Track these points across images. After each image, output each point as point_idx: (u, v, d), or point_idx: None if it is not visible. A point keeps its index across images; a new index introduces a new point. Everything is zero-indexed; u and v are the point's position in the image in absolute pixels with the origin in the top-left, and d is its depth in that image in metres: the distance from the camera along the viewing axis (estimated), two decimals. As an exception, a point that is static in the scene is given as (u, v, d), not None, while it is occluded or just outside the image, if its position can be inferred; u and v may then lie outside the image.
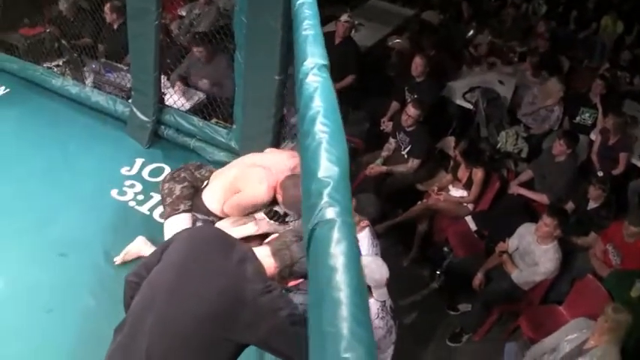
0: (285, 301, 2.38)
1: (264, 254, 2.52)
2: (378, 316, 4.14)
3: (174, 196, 3.97)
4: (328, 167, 1.50)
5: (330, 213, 1.36)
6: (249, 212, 3.90)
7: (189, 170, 4.13)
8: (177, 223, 3.90)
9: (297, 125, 2.38)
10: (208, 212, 3.95)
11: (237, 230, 3.89)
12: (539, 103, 7.37)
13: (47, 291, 3.88)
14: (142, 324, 2.34)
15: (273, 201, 3.82)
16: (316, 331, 1.18)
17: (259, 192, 3.77)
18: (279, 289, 2.43)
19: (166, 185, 4.05)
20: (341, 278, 1.21)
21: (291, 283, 2.64)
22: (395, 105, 7.24)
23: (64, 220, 4.48)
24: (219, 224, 3.95)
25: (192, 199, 4.00)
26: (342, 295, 1.17)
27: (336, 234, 1.30)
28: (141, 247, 4.09)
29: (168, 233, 3.90)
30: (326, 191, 1.41)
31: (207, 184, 4.06)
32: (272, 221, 3.89)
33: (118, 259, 4.09)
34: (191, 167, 4.17)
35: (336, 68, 6.36)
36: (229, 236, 2.71)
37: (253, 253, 2.47)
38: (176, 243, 2.55)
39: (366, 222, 4.59)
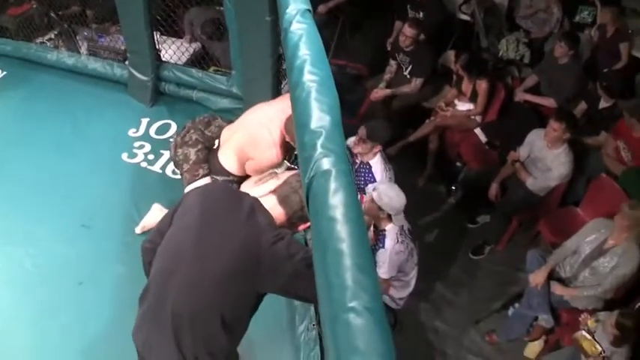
0: (298, 245, 2.41)
1: (271, 203, 2.54)
2: (398, 241, 4.23)
3: (190, 162, 3.95)
4: (320, 117, 1.52)
5: (326, 164, 1.39)
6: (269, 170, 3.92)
7: (199, 130, 4.08)
8: None
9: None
10: (227, 173, 3.93)
11: (261, 189, 3.91)
12: (536, 6, 7.25)
13: (76, 264, 3.97)
14: (166, 289, 2.39)
15: (290, 147, 3.80)
16: (322, 282, 1.23)
17: (270, 156, 3.76)
18: (290, 234, 2.45)
19: (180, 151, 4.01)
20: (342, 228, 1.25)
21: (301, 227, 2.67)
22: (398, 24, 7.07)
23: (82, 191, 4.54)
24: (243, 186, 3.94)
25: (208, 160, 4.00)
26: (344, 246, 1.21)
27: (333, 184, 1.33)
28: (157, 215, 4.08)
29: None
30: (319, 142, 1.44)
31: (219, 143, 4.03)
32: (295, 166, 3.87)
33: (138, 229, 4.13)
34: (200, 126, 4.11)
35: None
36: (235, 191, 2.79)
37: (260, 204, 2.48)
38: (185, 205, 2.57)
39: (378, 147, 4.65)
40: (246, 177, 3.97)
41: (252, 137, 3.81)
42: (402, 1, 7.27)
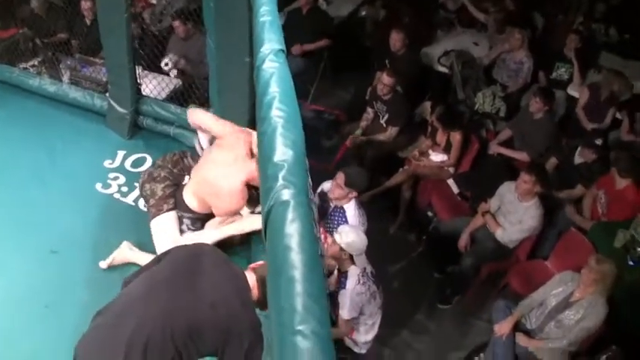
0: (256, 335, 2.49)
1: (251, 281, 2.65)
2: (360, 282, 4.28)
3: (157, 197, 4.03)
4: (283, 151, 1.57)
5: (286, 195, 1.44)
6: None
7: (168, 168, 4.18)
8: (164, 222, 3.99)
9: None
10: (191, 211, 4.01)
11: (225, 229, 3.98)
12: (500, 49, 7.46)
13: (42, 287, 3.97)
14: (129, 317, 2.42)
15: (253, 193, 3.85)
16: (274, 306, 1.27)
17: (231, 205, 3.87)
18: (257, 320, 2.54)
19: (147, 186, 4.10)
20: (296, 257, 1.29)
21: None
22: (378, 74, 7.15)
23: (54, 218, 4.55)
24: (208, 225, 4.04)
25: (175, 195, 4.05)
26: (296, 273, 1.25)
27: (290, 214, 1.38)
28: (126, 253, 4.12)
29: (155, 233, 4.00)
30: (281, 174, 1.49)
31: (188, 179, 4.11)
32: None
33: (104, 264, 4.13)
34: (169, 164, 4.21)
35: (310, 36, 6.43)
36: (223, 255, 2.81)
37: (244, 277, 2.62)
38: (177, 255, 2.69)
39: (354, 193, 4.72)
40: (209, 213, 4.04)
41: (212, 188, 3.86)
42: (382, 51, 7.41)
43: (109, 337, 2.43)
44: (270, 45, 2.07)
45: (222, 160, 3.90)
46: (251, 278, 2.64)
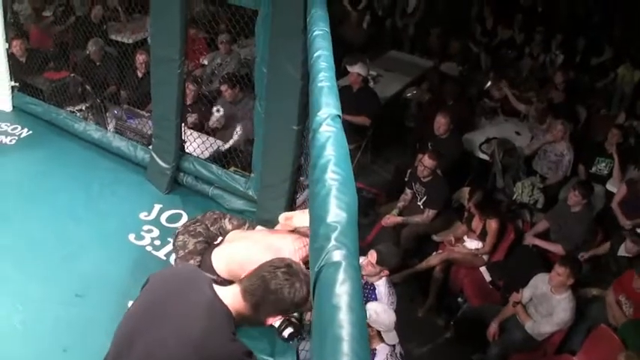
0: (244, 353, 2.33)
1: (233, 293, 2.44)
2: None
3: (186, 250, 3.99)
4: (337, 213, 1.57)
5: (337, 256, 1.42)
6: None
7: (205, 224, 4.15)
8: None
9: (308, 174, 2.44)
10: (215, 273, 3.90)
11: None
12: (542, 140, 7.46)
13: (64, 330, 3.92)
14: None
15: None
16: (319, 368, 1.24)
17: None
18: (241, 345, 2.36)
19: (180, 237, 4.08)
20: (344, 317, 1.27)
21: (270, 321, 2.51)
22: (420, 156, 7.13)
23: (83, 260, 4.53)
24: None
25: (204, 254, 4.00)
26: (344, 333, 1.23)
27: (341, 275, 1.36)
28: None
29: None
30: (334, 235, 1.48)
31: (221, 240, 4.07)
32: None
33: None
34: (207, 221, 4.18)
35: (356, 113, 6.54)
36: (200, 275, 2.61)
37: (219, 298, 2.40)
38: (152, 282, 2.58)
39: (386, 272, 4.68)
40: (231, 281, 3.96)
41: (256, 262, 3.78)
42: (425, 134, 7.46)
43: None
44: (328, 110, 2.09)
45: (270, 242, 3.86)
46: (233, 293, 2.43)
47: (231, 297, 2.42)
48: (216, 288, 2.44)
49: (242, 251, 3.86)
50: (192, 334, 2.27)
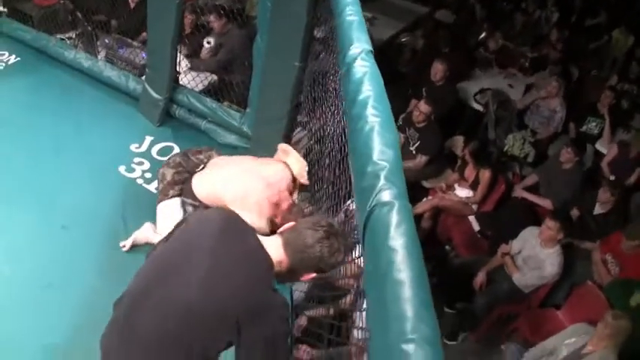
0: (280, 315, 2.25)
1: (276, 245, 2.36)
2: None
3: (165, 182, 3.86)
4: (383, 150, 1.51)
5: (388, 195, 1.37)
6: None
7: (186, 155, 4.00)
8: (166, 208, 3.82)
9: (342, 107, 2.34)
10: (195, 198, 3.78)
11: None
12: (535, 95, 7.47)
13: (48, 265, 3.82)
14: (138, 307, 2.23)
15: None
16: (379, 312, 1.18)
17: (258, 225, 3.58)
18: (280, 296, 2.28)
19: (161, 170, 3.95)
20: (403, 260, 1.22)
21: (305, 277, 2.45)
22: (414, 103, 7.14)
23: (70, 192, 4.44)
24: None
25: (185, 182, 3.86)
26: (404, 276, 1.18)
27: (395, 216, 1.31)
28: (148, 234, 3.99)
29: (159, 217, 3.86)
30: (383, 174, 1.43)
31: (202, 167, 3.92)
32: None
33: (125, 246, 4.00)
34: (189, 152, 4.05)
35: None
36: (241, 224, 2.46)
37: (263, 247, 2.32)
38: (188, 223, 2.45)
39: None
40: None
41: (244, 197, 3.63)
42: (420, 80, 7.37)
43: (124, 333, 2.28)
44: (361, 45, 2.02)
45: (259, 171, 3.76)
46: (275, 244, 2.36)
47: (274, 248, 2.35)
48: (261, 238, 2.36)
49: (226, 189, 3.71)
50: (238, 281, 2.20)
